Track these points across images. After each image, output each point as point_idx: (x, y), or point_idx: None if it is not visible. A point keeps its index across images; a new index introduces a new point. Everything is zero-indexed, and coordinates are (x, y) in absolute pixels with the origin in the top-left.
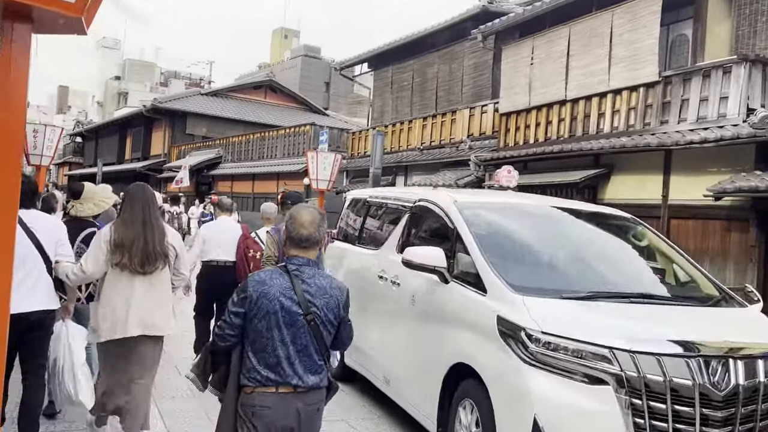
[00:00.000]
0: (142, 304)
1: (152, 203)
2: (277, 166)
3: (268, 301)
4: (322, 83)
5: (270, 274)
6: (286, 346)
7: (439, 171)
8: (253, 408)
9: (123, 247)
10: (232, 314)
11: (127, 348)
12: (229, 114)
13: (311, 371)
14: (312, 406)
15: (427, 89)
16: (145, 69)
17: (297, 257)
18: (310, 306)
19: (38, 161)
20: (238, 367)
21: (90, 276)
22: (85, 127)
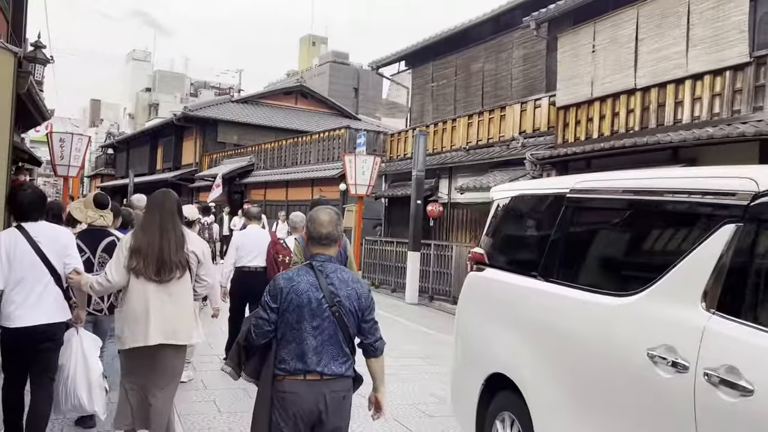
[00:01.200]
0: (163, 313)
1: (172, 210)
2: (312, 172)
3: (297, 296)
4: (350, 89)
5: (297, 272)
6: (313, 337)
7: (488, 172)
8: (283, 394)
9: (139, 253)
10: (266, 309)
11: (150, 356)
12: (260, 121)
13: (337, 360)
14: (337, 393)
15: (471, 85)
16: (175, 80)
17: (320, 254)
18: (334, 298)
19: (65, 172)
20: (272, 358)
21: (116, 284)
22: (116, 139)
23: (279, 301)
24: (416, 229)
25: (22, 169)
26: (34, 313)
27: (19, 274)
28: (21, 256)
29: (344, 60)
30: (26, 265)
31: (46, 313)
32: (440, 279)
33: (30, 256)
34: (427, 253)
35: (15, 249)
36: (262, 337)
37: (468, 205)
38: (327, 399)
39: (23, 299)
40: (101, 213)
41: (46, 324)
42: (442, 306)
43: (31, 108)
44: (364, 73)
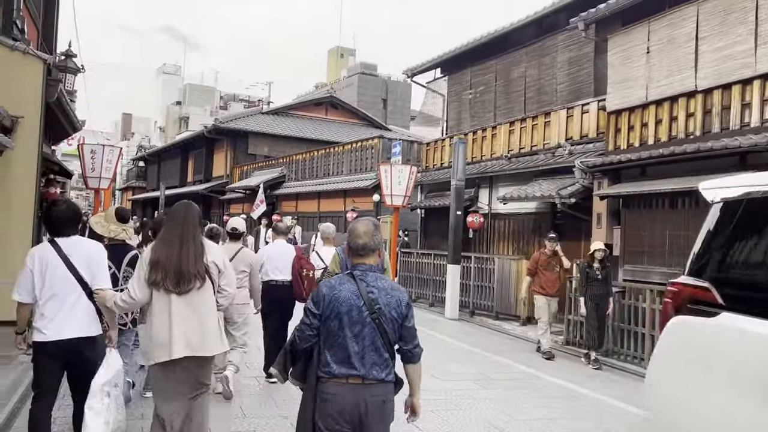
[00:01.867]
0: (186, 326)
1: (193, 222)
2: (344, 183)
3: (339, 304)
4: (379, 100)
5: (339, 280)
6: (355, 342)
7: (533, 181)
8: (326, 395)
9: (158, 265)
10: (309, 316)
11: (177, 370)
12: (290, 132)
13: (377, 365)
14: (378, 397)
15: (513, 90)
16: (204, 93)
17: (360, 264)
18: (374, 305)
19: (96, 184)
20: (316, 361)
21: (140, 301)
22: (147, 151)
23: (321, 308)
24: (456, 241)
25: (53, 181)
26: (66, 327)
27: (51, 288)
28: (53, 270)
29: (372, 71)
30: (58, 280)
31: (77, 327)
32: (481, 293)
33: (62, 270)
34: (468, 266)
35: (47, 263)
36: (304, 341)
37: (510, 215)
38: (367, 402)
39: (54, 313)
40: (123, 227)
41: (77, 338)
42: (483, 322)
43: (62, 118)
44: (392, 84)
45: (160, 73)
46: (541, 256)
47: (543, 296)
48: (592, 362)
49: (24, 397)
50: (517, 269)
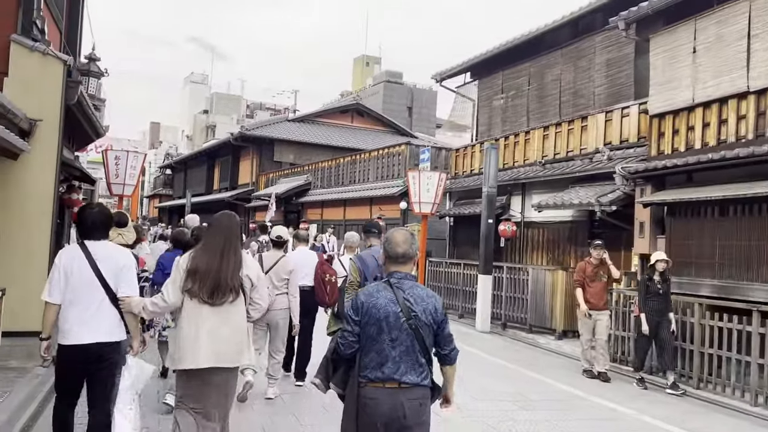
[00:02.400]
0: (215, 335)
1: (236, 234)
2: (370, 191)
3: (377, 310)
4: (404, 108)
5: (376, 288)
6: (392, 348)
7: (569, 188)
8: (366, 399)
9: (196, 274)
10: (349, 322)
11: (202, 378)
12: (316, 139)
13: (414, 370)
14: (415, 401)
15: (547, 94)
16: (231, 102)
17: (396, 272)
18: (410, 312)
19: (120, 191)
20: (357, 367)
21: (171, 305)
22: (174, 159)
23: (360, 314)
24: (487, 250)
25: (75, 187)
26: (88, 332)
27: (74, 291)
28: (78, 273)
29: (398, 79)
30: (83, 283)
31: (99, 332)
32: (514, 305)
33: (87, 274)
34: (499, 276)
35: (73, 266)
36: (347, 347)
37: (544, 224)
38: (405, 406)
39: (77, 317)
40: (119, 231)
41: (98, 343)
42: (516, 335)
43: (84, 122)
44: (417, 92)
45: (187, 82)
46: (587, 265)
47: (589, 310)
48: (671, 386)
49: (36, 414)
50: (552, 280)
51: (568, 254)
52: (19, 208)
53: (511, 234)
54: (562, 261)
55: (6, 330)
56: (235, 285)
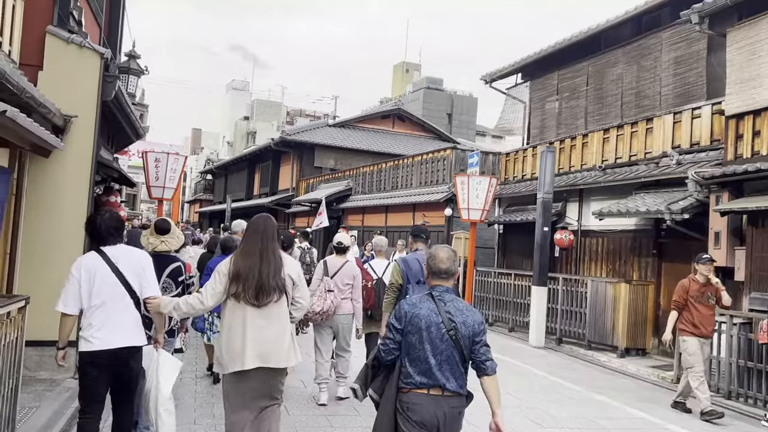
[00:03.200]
0: (260, 337)
1: (273, 235)
2: (414, 197)
3: (419, 320)
4: (444, 115)
5: (419, 299)
6: (433, 356)
7: (632, 194)
8: (408, 404)
9: (239, 278)
10: (393, 331)
11: (249, 379)
12: (357, 144)
13: (454, 378)
14: (455, 408)
15: (607, 94)
16: (271, 108)
17: (439, 285)
18: (451, 323)
19: (160, 194)
20: (398, 373)
21: (207, 308)
22: (215, 164)
23: (403, 323)
24: (543, 260)
25: (113, 189)
26: (113, 336)
27: (99, 297)
28: (101, 279)
29: (438, 86)
30: (106, 289)
31: (124, 336)
32: (571, 319)
33: (110, 279)
34: (554, 288)
35: (95, 272)
36: (388, 354)
37: (603, 233)
38: (446, 413)
39: (102, 322)
40: (162, 239)
41: (123, 347)
42: (573, 351)
43: (122, 120)
44: (457, 98)
45: (228, 88)
46: (692, 284)
47: (696, 337)
48: None
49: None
50: (614, 293)
51: (630, 265)
52: (51, 210)
53: (568, 243)
54: (624, 273)
55: (35, 339)
56: (278, 284)
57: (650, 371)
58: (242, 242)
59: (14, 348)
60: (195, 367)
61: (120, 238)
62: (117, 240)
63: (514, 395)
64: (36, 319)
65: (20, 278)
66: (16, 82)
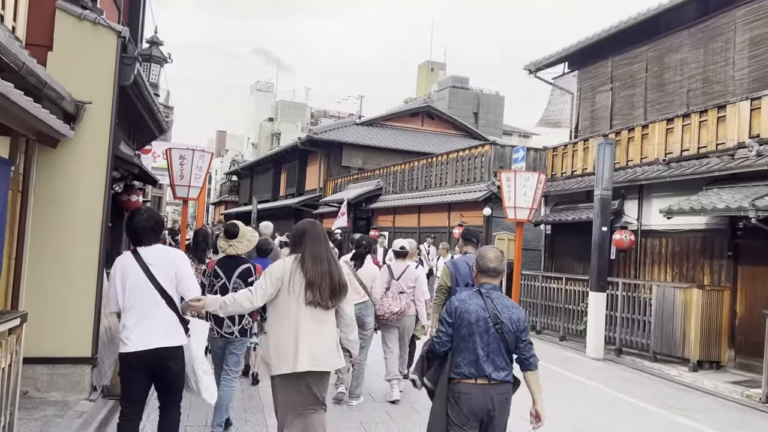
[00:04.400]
0: (313, 339)
1: (326, 237)
2: (449, 196)
3: (468, 315)
4: (470, 114)
5: (468, 296)
6: (482, 348)
7: (703, 190)
8: (459, 394)
9: (313, 285)
10: (444, 325)
11: (298, 381)
12: (385, 143)
13: (500, 368)
14: (502, 395)
15: (670, 81)
16: (296, 109)
17: (486, 283)
18: (497, 318)
19: (185, 193)
20: (449, 365)
21: (255, 307)
22: (240, 165)
23: (453, 317)
24: (601, 263)
25: (134, 188)
26: (147, 338)
27: (132, 298)
28: (134, 280)
29: (464, 85)
30: (139, 290)
31: (158, 336)
32: (632, 327)
33: (142, 280)
34: (613, 293)
35: (128, 274)
36: (441, 346)
37: (668, 233)
38: (494, 400)
39: (135, 324)
40: (230, 242)
41: (158, 348)
42: (636, 363)
43: (143, 110)
44: (483, 97)
45: (253, 90)
46: None
47: None
48: None
49: None
50: (684, 300)
51: (699, 269)
52: (60, 210)
53: (628, 244)
54: (692, 277)
55: (46, 356)
56: (346, 286)
57: (730, 387)
58: (307, 248)
59: (7, 377)
60: None
61: (157, 238)
62: (153, 240)
63: (585, 418)
64: (45, 333)
65: (27, 288)
66: (13, 55)
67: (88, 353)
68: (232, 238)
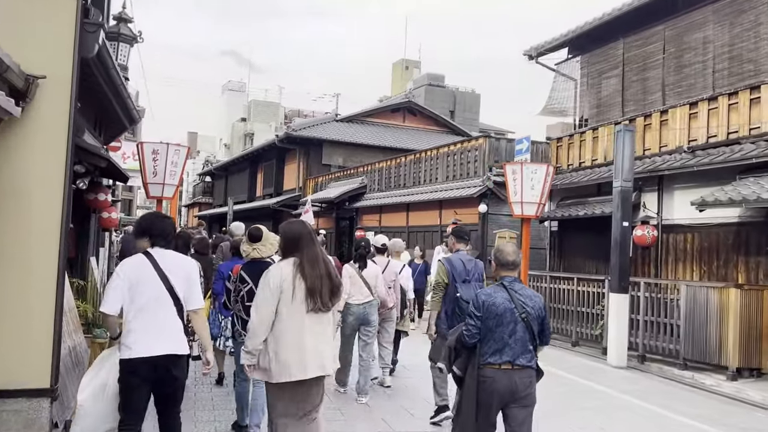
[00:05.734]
0: (318, 344)
1: (315, 237)
2: (440, 192)
3: (495, 307)
4: (446, 112)
5: (494, 289)
6: (508, 336)
7: (736, 179)
8: (486, 378)
9: (314, 291)
10: (473, 317)
11: (299, 388)
12: (367, 140)
13: (524, 354)
14: (525, 379)
15: (691, 62)
16: (269, 109)
17: (507, 276)
18: (523, 308)
19: (159, 192)
20: (477, 354)
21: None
22: (214, 165)
23: (482, 311)
24: (623, 261)
25: (103, 186)
26: (154, 344)
27: (140, 301)
28: (145, 284)
29: (440, 82)
30: (150, 294)
31: (166, 343)
32: (658, 332)
33: (155, 284)
34: (635, 295)
35: (140, 276)
36: (471, 338)
37: (694, 227)
38: (517, 383)
39: (143, 329)
40: (254, 246)
41: (169, 355)
42: (665, 371)
43: (109, 92)
44: (460, 95)
45: (224, 90)
46: None
47: None
48: None
49: None
50: (719, 301)
51: (733, 266)
52: (8, 208)
53: (651, 241)
54: (724, 275)
55: None
56: (341, 281)
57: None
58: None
59: None
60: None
61: (170, 244)
62: (169, 245)
63: None
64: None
65: None
66: None
67: (47, 383)
68: (256, 241)
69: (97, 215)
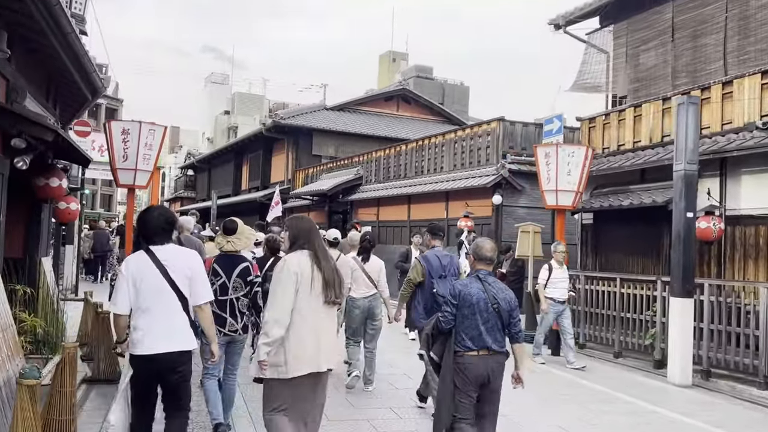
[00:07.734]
0: (328, 337)
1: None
2: (447, 183)
3: (470, 297)
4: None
5: (469, 281)
6: (482, 324)
7: None
8: (463, 364)
9: (330, 283)
10: (449, 305)
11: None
12: (360, 129)
13: (498, 341)
14: (499, 364)
15: (762, 23)
16: (253, 101)
17: (483, 269)
18: (494, 299)
19: (131, 179)
20: (453, 340)
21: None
22: (197, 158)
23: (458, 299)
24: (686, 259)
25: (57, 169)
26: (161, 341)
27: (145, 300)
28: (148, 281)
29: (428, 74)
30: (153, 291)
31: (173, 340)
32: (725, 343)
33: (158, 280)
34: (696, 299)
35: (143, 273)
36: (447, 324)
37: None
38: (492, 368)
39: (149, 326)
40: (228, 239)
41: (171, 352)
42: (740, 391)
43: (62, 51)
44: (449, 87)
45: (207, 82)
46: None
47: None
48: None
49: None
50: None
51: None
52: None
53: (717, 235)
54: None
55: None
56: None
57: None
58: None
59: None
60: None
61: (169, 237)
62: (166, 239)
63: None
64: None
65: None
66: None
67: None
68: (230, 234)
69: (51, 207)
